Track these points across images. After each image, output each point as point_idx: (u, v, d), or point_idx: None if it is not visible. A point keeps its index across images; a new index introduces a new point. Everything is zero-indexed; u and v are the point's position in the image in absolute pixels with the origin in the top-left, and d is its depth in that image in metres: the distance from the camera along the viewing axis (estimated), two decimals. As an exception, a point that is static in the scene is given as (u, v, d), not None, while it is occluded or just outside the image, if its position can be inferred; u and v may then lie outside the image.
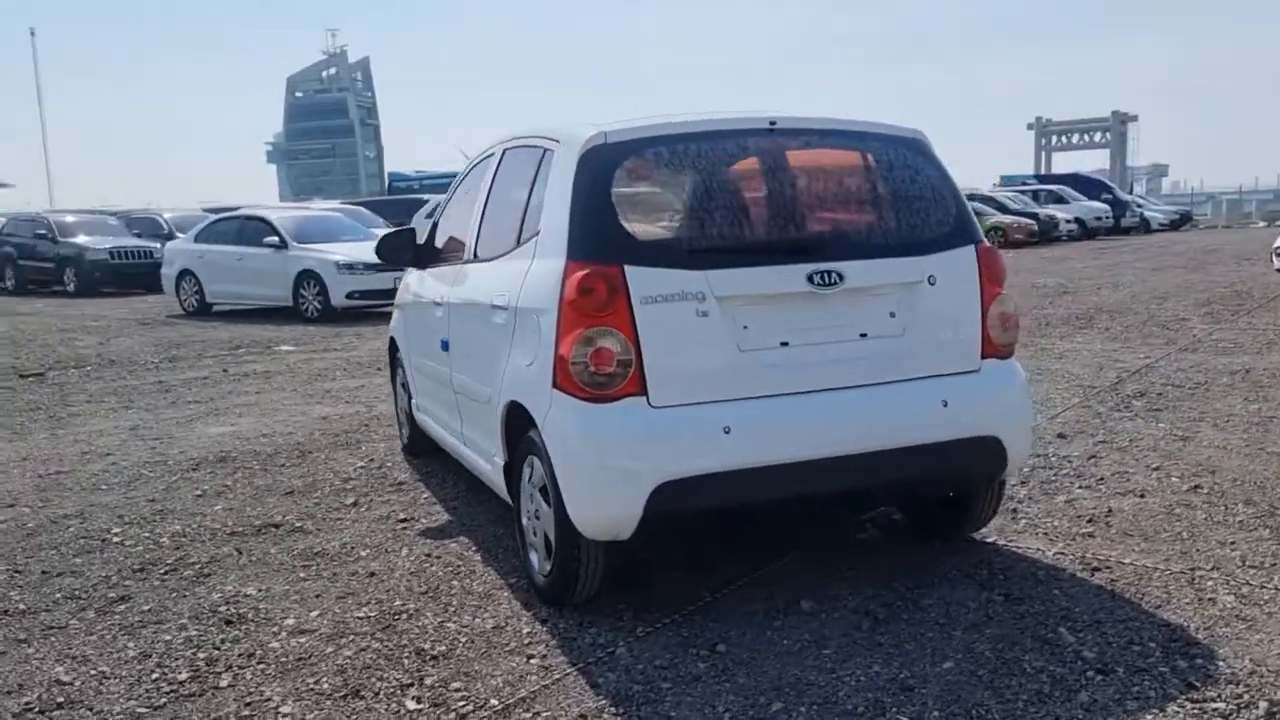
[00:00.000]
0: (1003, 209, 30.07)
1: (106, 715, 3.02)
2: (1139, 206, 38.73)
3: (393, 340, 6.15)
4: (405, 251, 5.37)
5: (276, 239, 14.92)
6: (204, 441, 6.69)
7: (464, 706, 2.99)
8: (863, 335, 3.60)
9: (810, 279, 3.48)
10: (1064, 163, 72.51)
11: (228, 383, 9.25)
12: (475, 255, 4.54)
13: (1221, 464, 5.18)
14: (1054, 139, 73.81)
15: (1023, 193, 34.22)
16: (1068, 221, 31.78)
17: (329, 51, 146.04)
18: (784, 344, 3.50)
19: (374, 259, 6.06)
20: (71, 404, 8.38)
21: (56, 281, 22.03)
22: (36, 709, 3.05)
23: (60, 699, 3.11)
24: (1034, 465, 5.33)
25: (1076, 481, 5.04)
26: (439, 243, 5.27)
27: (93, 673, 3.29)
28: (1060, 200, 33.95)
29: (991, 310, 3.79)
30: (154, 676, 3.25)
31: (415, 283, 5.55)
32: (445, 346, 4.72)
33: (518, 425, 3.76)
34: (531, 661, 3.27)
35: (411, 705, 3.01)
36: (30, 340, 13.23)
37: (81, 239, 22.05)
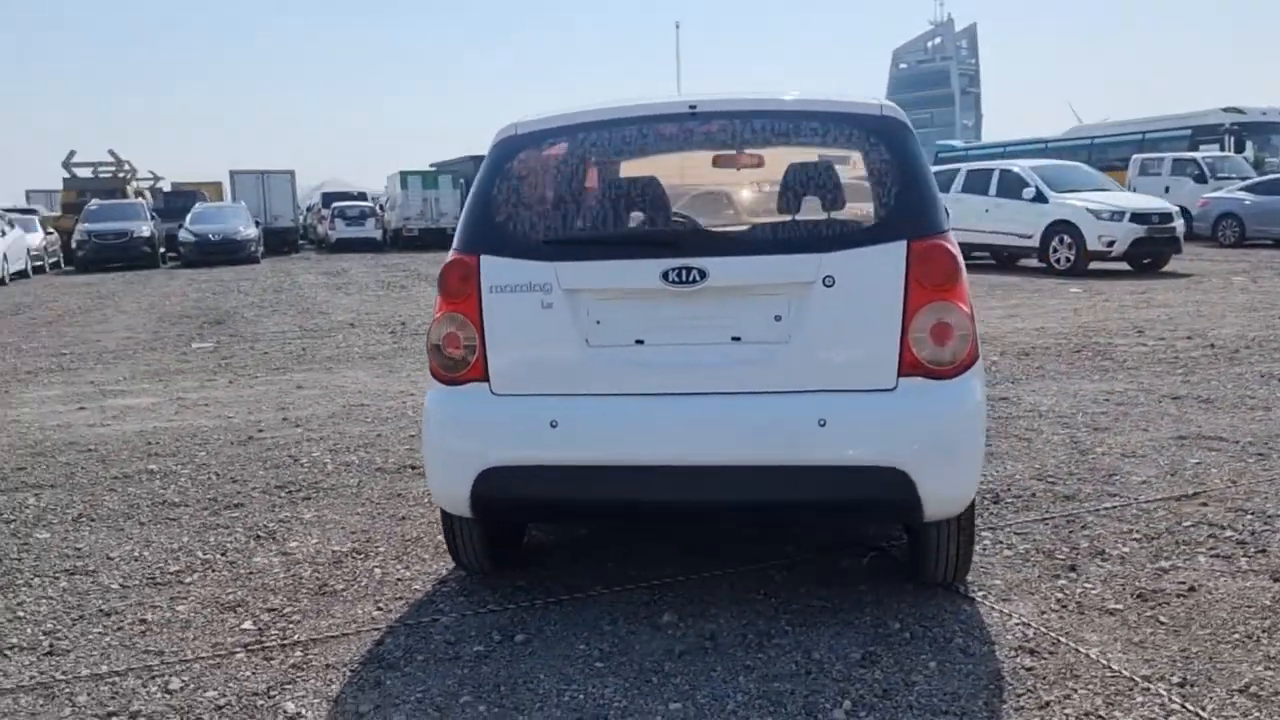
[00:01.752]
0: None
1: (98, 583, 3.96)
2: None
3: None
4: None
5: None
6: (487, 392, 7.70)
7: (273, 636, 3.43)
8: (735, 339, 3.28)
9: (665, 276, 3.26)
10: None
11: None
12: None
13: None
14: None
15: None
16: None
17: (935, 21, 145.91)
18: (639, 342, 3.33)
19: None
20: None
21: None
22: (70, 570, 4.10)
23: (92, 567, 4.14)
24: (1199, 520, 4.18)
25: (1223, 547, 3.87)
26: None
27: (133, 553, 4.28)
28: None
29: (917, 320, 3.19)
30: (158, 565, 4.14)
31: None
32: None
33: None
34: (374, 614, 3.58)
35: (248, 625, 3.52)
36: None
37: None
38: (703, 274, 3.24)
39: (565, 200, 3.49)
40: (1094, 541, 4.01)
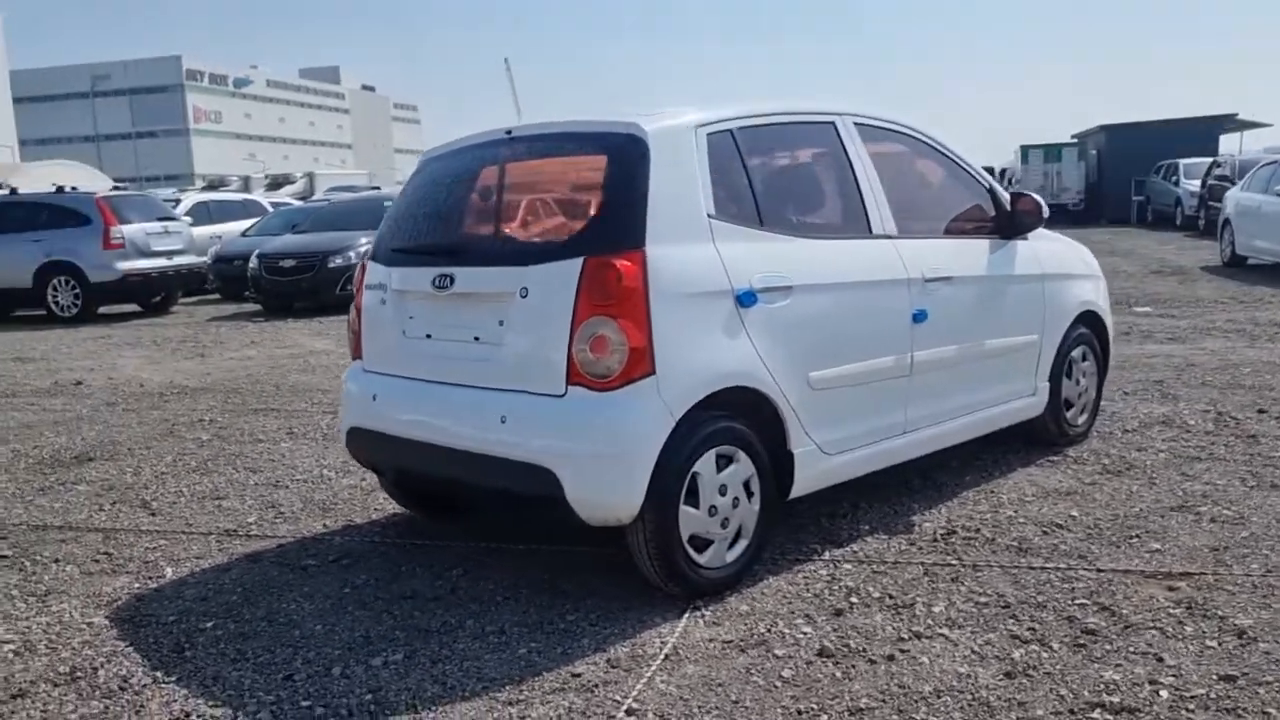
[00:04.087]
0: None
1: (247, 480, 5.59)
2: None
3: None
4: None
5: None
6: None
7: (246, 528, 4.70)
8: (476, 339, 3.75)
9: (434, 281, 3.83)
10: None
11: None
12: None
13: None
14: None
15: None
16: None
17: None
18: (428, 336, 3.95)
19: None
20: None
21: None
22: (249, 468, 5.80)
23: (260, 466, 5.78)
24: (1110, 602, 3.38)
25: (1056, 630, 3.17)
26: None
27: (293, 464, 5.82)
28: None
29: (581, 332, 3.38)
30: (294, 473, 5.64)
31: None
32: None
33: None
34: (317, 528, 4.66)
35: (251, 519, 4.84)
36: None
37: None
38: (451, 280, 3.76)
39: (409, 214, 4.19)
40: (930, 595, 3.53)
